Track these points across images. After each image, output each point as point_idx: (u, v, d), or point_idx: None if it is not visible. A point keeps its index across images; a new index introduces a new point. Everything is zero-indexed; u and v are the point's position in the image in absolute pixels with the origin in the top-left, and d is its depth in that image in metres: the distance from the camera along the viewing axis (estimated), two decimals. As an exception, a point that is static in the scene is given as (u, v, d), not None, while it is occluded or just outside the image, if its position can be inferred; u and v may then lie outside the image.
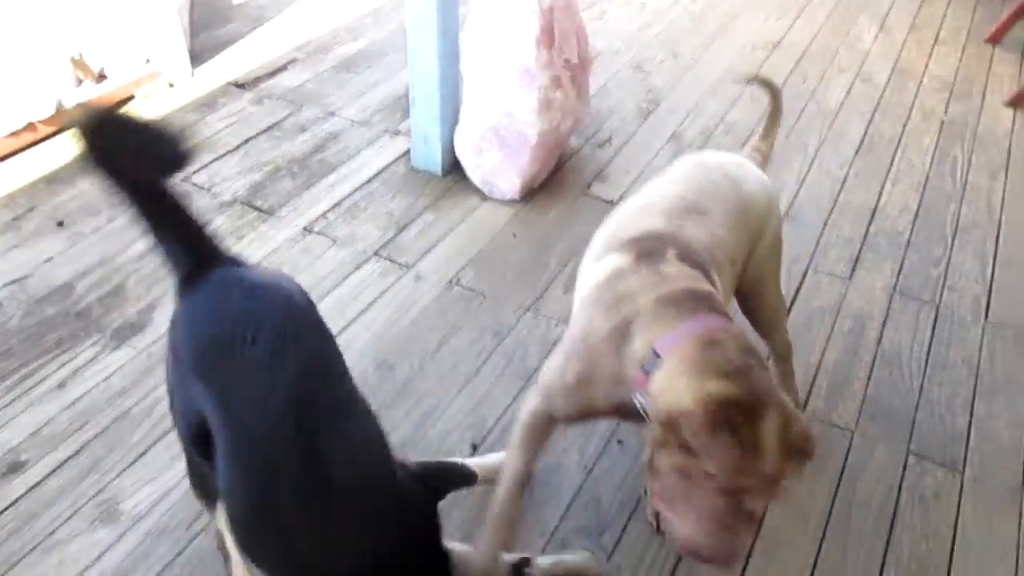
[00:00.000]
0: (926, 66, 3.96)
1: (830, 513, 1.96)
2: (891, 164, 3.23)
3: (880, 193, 3.07)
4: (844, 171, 3.18)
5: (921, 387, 2.30)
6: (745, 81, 2.23)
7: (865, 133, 3.42)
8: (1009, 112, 3.61)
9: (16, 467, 1.94)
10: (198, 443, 1.36)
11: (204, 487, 1.54)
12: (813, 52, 4.04)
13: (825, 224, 2.89)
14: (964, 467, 2.08)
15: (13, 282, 2.43)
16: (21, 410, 2.06)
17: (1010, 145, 3.39)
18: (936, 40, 4.22)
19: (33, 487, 1.90)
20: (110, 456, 1.97)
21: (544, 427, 1.60)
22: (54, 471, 1.93)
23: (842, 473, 2.05)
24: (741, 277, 1.77)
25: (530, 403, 1.60)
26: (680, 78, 3.73)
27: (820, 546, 1.89)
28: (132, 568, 1.75)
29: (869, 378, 2.31)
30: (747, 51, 3.99)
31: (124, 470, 1.95)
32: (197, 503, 1.73)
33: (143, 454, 1.98)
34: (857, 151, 3.31)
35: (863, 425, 2.18)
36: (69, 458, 1.96)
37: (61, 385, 2.13)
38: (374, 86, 3.51)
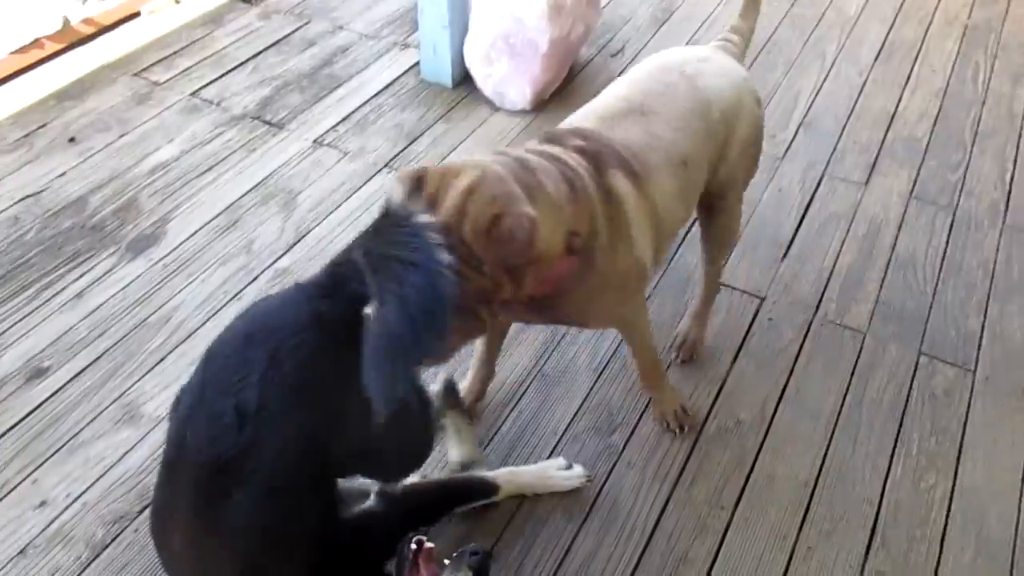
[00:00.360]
0: (951, -30, 3.84)
1: (840, 411, 1.97)
2: (911, 70, 3.16)
3: (899, 100, 3.01)
4: (863, 78, 3.11)
5: (935, 290, 2.29)
6: None
7: (885, 39, 3.33)
8: (1035, 16, 3.51)
9: (39, 373, 1.98)
10: None
11: None
12: (833, -43, 3.91)
13: (842, 131, 2.85)
14: (975, 367, 2.09)
15: (28, 196, 2.45)
16: (42, 319, 2.10)
17: (1035, 50, 3.30)
18: (961, -57, 4.07)
19: (56, 392, 1.95)
20: (129, 362, 2.01)
21: None
22: (76, 376, 1.98)
23: (853, 372, 2.06)
24: (711, 178, 1.74)
25: None
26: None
27: (829, 442, 1.91)
28: (154, 465, 1.80)
29: (882, 281, 2.30)
30: (765, -43, 3.87)
31: (144, 375, 1.99)
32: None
33: (161, 360, 2.02)
34: (876, 58, 3.23)
35: (875, 327, 2.18)
36: (90, 364, 2.01)
37: (79, 295, 2.17)
38: (382, -1, 3.45)
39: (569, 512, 1.76)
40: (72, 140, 2.65)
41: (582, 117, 1.67)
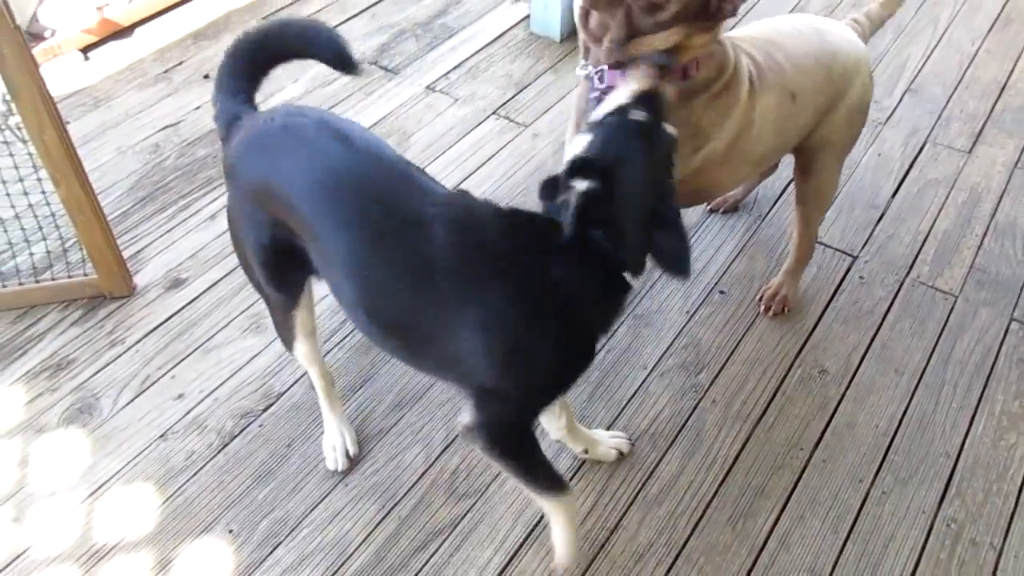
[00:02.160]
0: (1081, -61, 3.70)
1: (924, 369, 2.02)
2: (1028, 41, 3.10)
3: (1011, 71, 2.96)
4: (975, 46, 3.07)
5: (1033, 259, 2.29)
6: None
7: (1003, 9, 3.26)
8: None
9: (178, 283, 2.20)
10: (274, 273, 1.54)
11: (282, 326, 1.69)
12: (955, -77, 3.81)
13: (949, 99, 2.83)
14: (1068, 336, 2.10)
15: (168, 127, 2.67)
16: (180, 236, 2.32)
17: None
18: (1096, -89, 3.91)
19: (192, 300, 2.16)
20: (257, 279, 2.21)
21: None
22: (210, 288, 2.19)
23: (941, 333, 2.10)
24: (810, 134, 1.81)
25: None
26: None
27: (912, 396, 1.97)
28: (278, 370, 1.99)
29: (979, 248, 2.32)
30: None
31: (269, 291, 2.18)
32: (335, 320, 1.96)
33: (285, 279, 2.21)
34: (992, 26, 3.17)
35: (967, 291, 2.20)
36: (222, 278, 2.21)
37: (212, 217, 2.37)
38: (496, -47, 3.54)
39: (654, 441, 1.87)
40: (207, 77, 2.86)
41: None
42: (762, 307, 2.14)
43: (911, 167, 2.57)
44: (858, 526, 1.73)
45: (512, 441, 1.45)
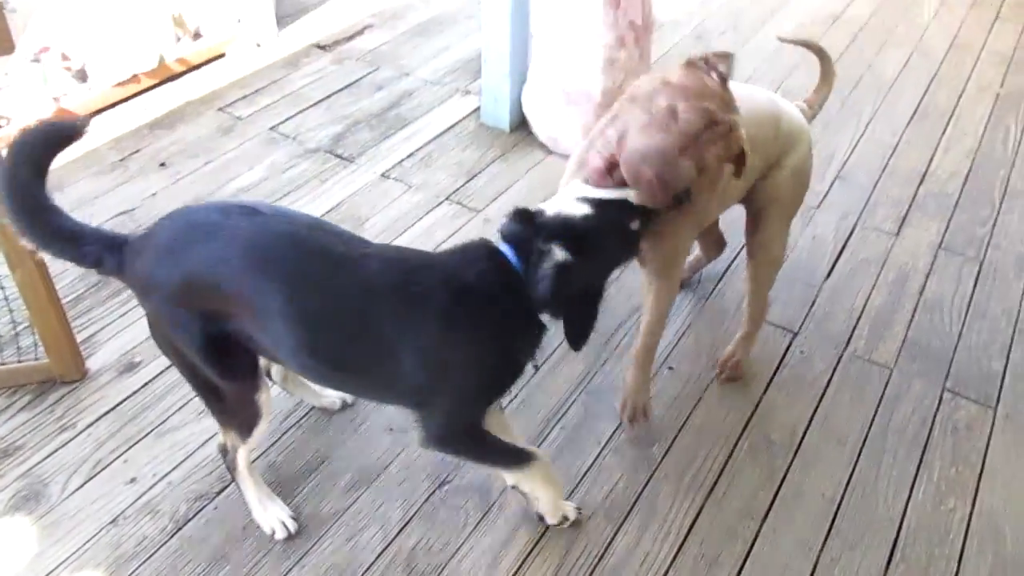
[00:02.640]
0: (985, 41, 4.03)
1: (865, 438, 2.11)
2: (943, 132, 3.33)
3: (931, 159, 3.17)
4: (896, 138, 3.29)
5: (960, 332, 2.42)
6: (779, 39, 2.41)
7: (919, 103, 3.51)
8: (1066, 86, 3.67)
9: (131, 367, 2.19)
10: (228, 363, 1.57)
11: (238, 417, 1.70)
12: (872, 26, 4.12)
13: (875, 185, 3.01)
14: (997, 404, 2.21)
15: (123, 213, 2.70)
16: (134, 320, 2.31)
17: (1065, 117, 3.45)
18: (997, 16, 4.27)
19: (146, 384, 2.15)
20: (212, 361, 2.21)
21: None
22: (164, 371, 2.17)
23: (879, 404, 2.19)
24: (758, 188, 1.95)
25: None
26: (737, 48, 3.85)
27: (855, 465, 2.04)
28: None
29: (910, 323, 2.44)
30: (807, 24, 4.10)
31: (224, 373, 2.18)
32: (290, 401, 1.98)
33: (241, 361, 2.22)
34: (910, 120, 3.41)
35: (902, 363, 2.31)
36: (177, 361, 2.21)
37: (168, 301, 2.38)
38: (446, 50, 3.72)
39: (609, 515, 1.90)
40: (163, 165, 2.91)
41: None
42: (718, 373, 2.22)
43: (844, 248, 2.72)
44: (810, 593, 1.78)
45: (461, 441, 1.64)
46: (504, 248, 1.51)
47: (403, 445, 2.02)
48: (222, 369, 1.58)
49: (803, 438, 2.10)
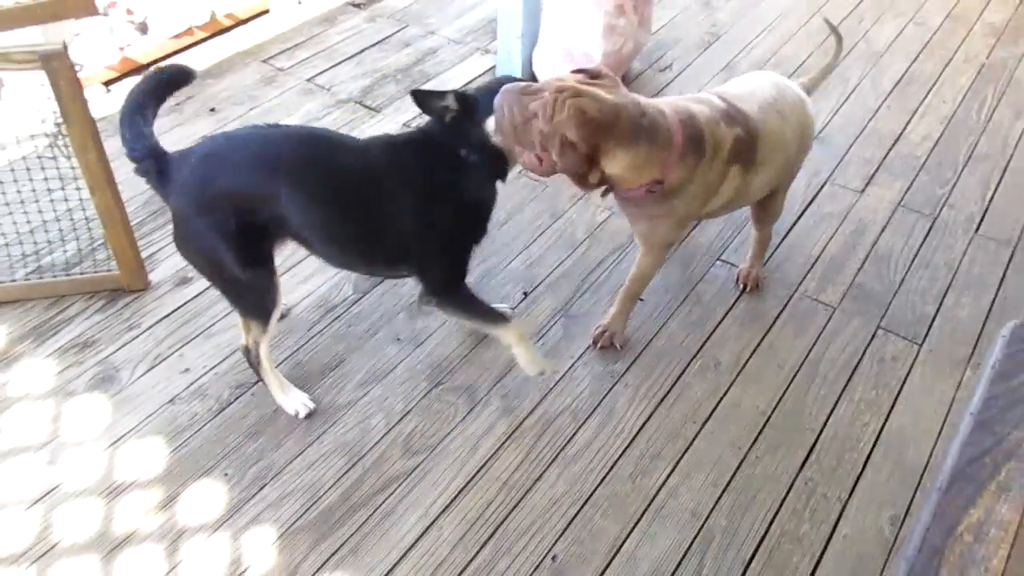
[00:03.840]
0: (981, 14, 4.23)
1: (802, 364, 2.46)
2: (924, 99, 3.60)
3: (907, 124, 3.45)
4: (879, 103, 3.56)
5: (902, 280, 2.74)
6: (824, 21, 2.89)
7: (906, 72, 3.77)
8: (1051, 59, 3.89)
9: (185, 281, 2.61)
10: (251, 253, 2.00)
11: (259, 303, 2.09)
12: (874, -4, 4.35)
13: (850, 146, 3.31)
14: (923, 341, 2.54)
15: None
16: (187, 242, 2.73)
17: (1043, 88, 3.69)
18: (999, -11, 4.46)
19: (197, 295, 2.57)
20: (252, 279, 2.63)
21: None
22: (211, 286, 2.59)
23: (819, 337, 2.54)
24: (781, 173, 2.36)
25: None
26: (743, 15, 4.13)
27: (789, 385, 2.40)
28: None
29: (859, 270, 2.77)
30: (811, -8, 4.34)
31: (262, 289, 2.60)
32: (315, 313, 2.39)
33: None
34: (895, 86, 3.67)
35: (845, 304, 2.65)
36: (223, 278, 2.62)
37: (216, 227, 2.80)
38: (469, 10, 4.04)
39: (574, 415, 2.29)
40: (213, 110, 3.31)
41: (746, 98, 2.23)
42: (743, 287, 2.65)
43: (811, 202, 3.04)
44: (734, 482, 2.15)
45: (455, 294, 2.13)
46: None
47: (408, 353, 2.42)
48: (244, 258, 1.99)
49: (747, 361, 2.46)
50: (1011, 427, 1.45)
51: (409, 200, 2.00)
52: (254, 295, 2.09)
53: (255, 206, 1.94)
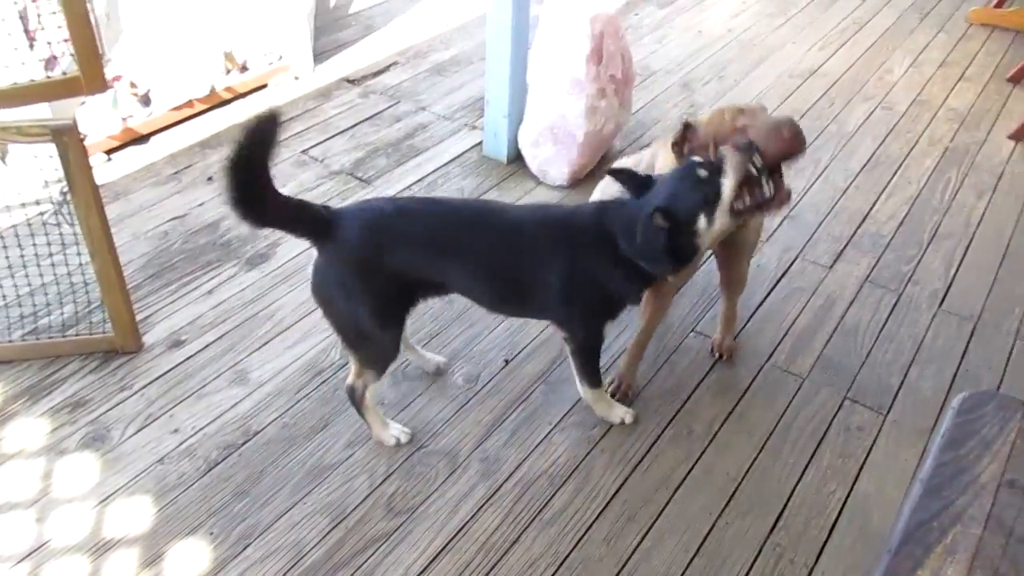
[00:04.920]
0: (945, 99, 4.46)
1: (771, 432, 2.55)
2: (890, 180, 3.78)
3: (875, 203, 3.62)
4: (847, 183, 3.74)
5: (869, 352, 2.86)
6: None
7: (874, 153, 3.96)
8: (1010, 144, 4.09)
9: (178, 343, 2.70)
10: (389, 313, 2.14)
11: (381, 356, 2.22)
12: (845, 81, 4.58)
13: (820, 224, 3.47)
14: (888, 412, 2.64)
15: (175, 218, 3.23)
16: (182, 306, 2.83)
17: (1003, 172, 3.88)
18: (962, 76, 4.71)
19: (190, 357, 2.66)
20: (243, 342, 2.72)
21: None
22: (204, 348, 2.69)
23: (788, 406, 2.64)
24: (730, 238, 2.45)
25: None
26: (721, 97, 4.34)
27: (759, 453, 2.49)
28: (256, 413, 2.48)
29: (827, 342, 2.89)
30: (784, 78, 4.57)
31: (252, 352, 2.69)
32: (303, 377, 2.47)
33: (266, 343, 2.72)
34: (863, 167, 3.86)
35: (814, 375, 2.76)
36: (214, 340, 2.72)
37: (209, 292, 2.90)
38: (459, 88, 4.24)
39: (551, 479, 2.37)
40: (210, 179, 3.45)
41: None
42: (717, 355, 2.79)
43: (783, 277, 3.17)
44: (705, 546, 2.23)
45: (586, 352, 2.40)
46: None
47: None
48: (384, 321, 2.14)
49: (719, 429, 2.55)
50: (958, 493, 1.55)
51: (559, 278, 2.17)
52: (378, 349, 2.22)
53: (417, 278, 2.13)
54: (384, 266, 2.08)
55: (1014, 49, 5.02)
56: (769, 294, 3.08)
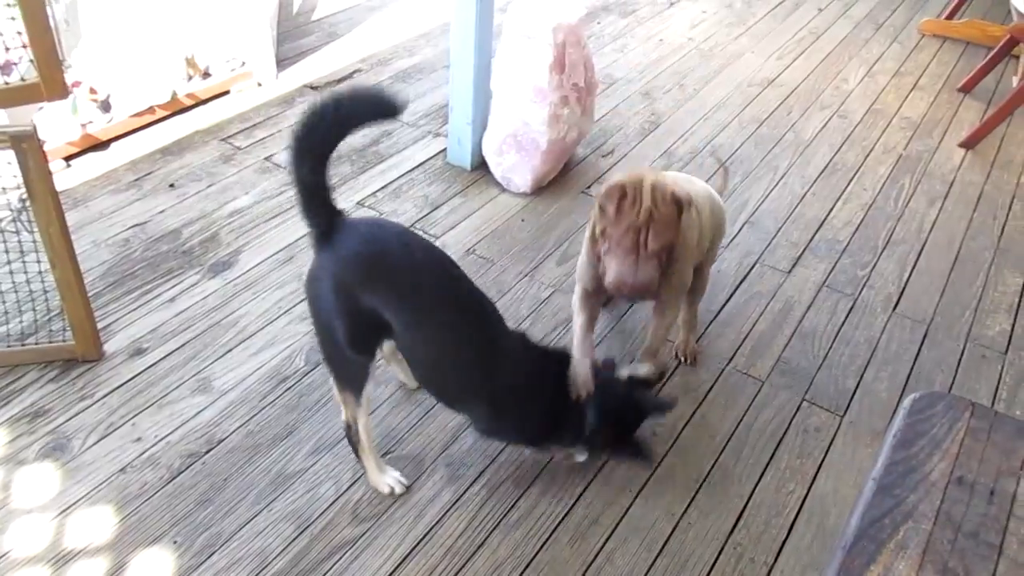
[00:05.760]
0: (899, 108, 4.58)
1: (732, 434, 2.60)
2: (846, 187, 3.87)
3: (831, 209, 3.71)
4: (804, 190, 3.82)
5: (826, 355, 2.93)
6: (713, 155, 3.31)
7: (830, 161, 4.05)
8: (961, 152, 4.21)
9: (139, 351, 2.68)
10: (360, 340, 2.10)
11: (353, 379, 2.17)
12: (802, 90, 4.68)
13: (778, 230, 3.54)
14: (845, 413, 2.71)
15: (136, 225, 3.20)
16: (143, 314, 2.81)
17: (954, 179, 3.99)
18: (915, 86, 4.83)
19: (151, 366, 2.64)
20: (205, 350, 2.70)
21: (586, 298, 2.51)
22: (166, 356, 2.67)
23: (748, 408, 2.69)
24: (702, 253, 2.61)
25: (576, 290, 2.57)
26: (681, 105, 4.40)
27: (720, 454, 2.53)
28: (220, 421, 2.47)
29: (786, 346, 2.95)
30: (743, 87, 4.65)
31: (215, 360, 2.67)
32: (267, 384, 2.46)
33: (229, 351, 2.71)
34: (820, 175, 3.94)
35: (773, 378, 2.82)
36: (176, 349, 2.70)
37: (171, 300, 2.88)
38: (423, 95, 4.25)
39: (517, 482, 2.39)
40: (172, 185, 3.42)
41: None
42: (682, 359, 2.84)
43: (742, 282, 3.23)
44: (668, 547, 2.26)
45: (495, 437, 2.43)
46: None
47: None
48: (355, 342, 2.09)
49: (681, 432, 2.59)
50: (909, 491, 1.60)
51: (508, 391, 2.18)
52: (350, 371, 2.18)
53: (385, 312, 2.05)
54: (359, 299, 2.04)
55: (964, 59, 5.16)
56: (729, 299, 3.14)
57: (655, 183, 2.22)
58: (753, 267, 3.32)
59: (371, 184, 3.56)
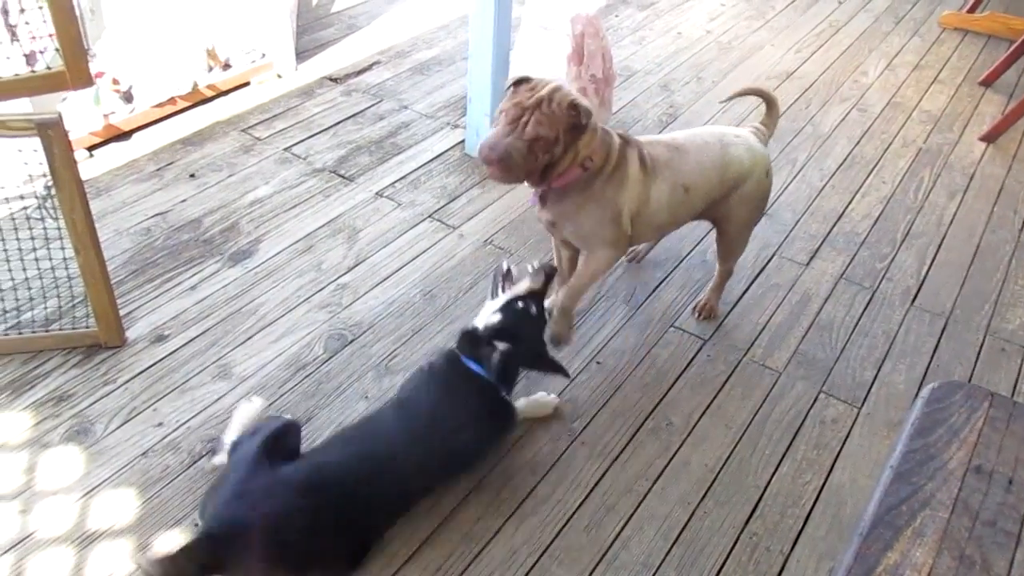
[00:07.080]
0: (919, 101, 4.55)
1: (748, 425, 2.60)
2: (865, 180, 3.85)
3: (850, 202, 3.69)
4: (823, 183, 3.81)
5: (844, 348, 2.92)
6: (727, 99, 3.26)
7: (849, 154, 4.04)
8: (981, 146, 4.18)
9: (161, 338, 2.71)
10: None
11: None
12: (820, 83, 4.66)
13: (797, 222, 3.53)
14: (862, 405, 2.71)
15: (158, 215, 3.23)
16: (165, 302, 2.84)
17: (974, 173, 3.96)
18: (935, 79, 4.80)
19: (173, 352, 2.67)
20: (225, 337, 2.73)
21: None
22: (187, 343, 2.70)
23: (764, 399, 2.69)
24: (711, 208, 2.63)
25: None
26: (699, 97, 4.40)
27: (736, 445, 2.54)
28: (240, 406, 2.50)
29: (803, 338, 2.95)
30: (762, 79, 4.64)
31: (236, 347, 2.70)
32: (286, 372, 2.49)
33: (249, 338, 2.74)
34: (839, 167, 3.93)
35: (790, 369, 2.82)
36: (197, 336, 2.73)
37: (192, 288, 2.91)
38: (441, 87, 4.27)
39: (533, 470, 2.40)
40: (192, 176, 3.45)
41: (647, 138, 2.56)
42: (697, 316, 2.91)
43: (760, 274, 3.23)
44: (683, 536, 2.27)
45: None
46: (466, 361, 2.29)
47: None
48: None
49: (697, 422, 2.60)
50: (926, 479, 1.60)
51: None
52: None
53: None
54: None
55: (986, 53, 5.12)
56: (747, 290, 3.14)
57: (563, 89, 2.25)
58: (771, 259, 3.31)
59: (390, 174, 3.58)
